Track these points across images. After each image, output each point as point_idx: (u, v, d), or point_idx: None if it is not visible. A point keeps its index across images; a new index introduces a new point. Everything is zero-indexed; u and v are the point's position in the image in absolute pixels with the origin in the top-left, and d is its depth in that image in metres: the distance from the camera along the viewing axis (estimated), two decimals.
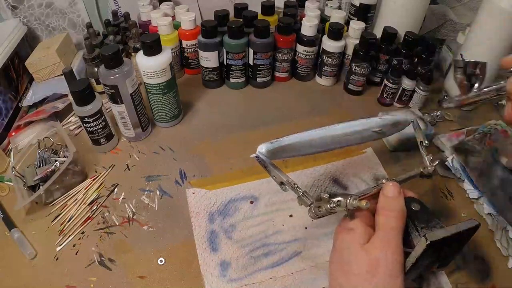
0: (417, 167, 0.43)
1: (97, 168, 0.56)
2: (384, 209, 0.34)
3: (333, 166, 0.56)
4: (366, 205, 0.33)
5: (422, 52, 0.66)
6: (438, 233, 0.31)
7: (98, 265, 0.44)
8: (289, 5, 0.75)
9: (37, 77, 0.69)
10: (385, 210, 0.34)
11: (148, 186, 0.53)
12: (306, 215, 0.49)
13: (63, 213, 0.49)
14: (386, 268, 0.31)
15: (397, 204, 0.34)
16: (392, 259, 0.31)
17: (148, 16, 0.74)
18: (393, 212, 0.33)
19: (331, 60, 0.70)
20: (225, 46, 0.67)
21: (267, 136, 0.62)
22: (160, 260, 0.44)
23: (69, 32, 0.78)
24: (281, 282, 0.43)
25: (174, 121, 0.64)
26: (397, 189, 0.35)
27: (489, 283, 0.43)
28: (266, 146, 0.37)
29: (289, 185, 0.36)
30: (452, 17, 0.84)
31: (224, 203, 0.51)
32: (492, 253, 0.46)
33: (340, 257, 0.34)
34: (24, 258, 0.44)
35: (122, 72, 0.51)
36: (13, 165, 0.52)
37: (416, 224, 0.34)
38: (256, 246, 0.46)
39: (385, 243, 0.32)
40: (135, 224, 0.48)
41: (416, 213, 0.35)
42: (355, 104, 0.70)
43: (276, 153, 0.38)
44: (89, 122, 0.53)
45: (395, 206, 0.34)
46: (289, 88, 0.75)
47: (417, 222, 0.34)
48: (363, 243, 0.33)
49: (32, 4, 0.76)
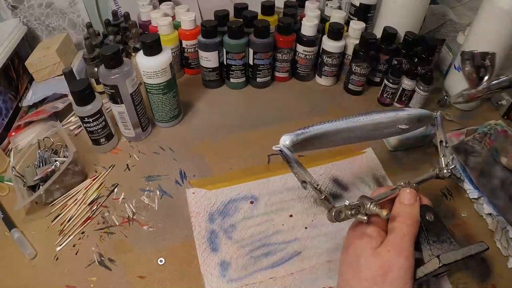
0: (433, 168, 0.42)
1: (97, 168, 0.56)
2: (399, 215, 0.34)
3: (333, 166, 0.56)
4: (386, 215, 0.32)
5: (422, 52, 0.66)
6: (451, 256, 0.32)
7: (98, 265, 0.44)
8: (289, 5, 0.75)
9: (37, 77, 0.69)
10: (400, 217, 0.34)
11: (148, 186, 0.53)
12: (306, 215, 0.49)
13: (63, 213, 0.49)
14: (397, 273, 0.31)
15: (412, 212, 0.34)
16: (404, 265, 0.31)
17: (148, 16, 0.74)
18: (408, 220, 0.34)
19: (331, 60, 0.70)
20: (225, 46, 0.67)
21: (267, 136, 0.63)
22: (160, 260, 0.44)
23: (69, 32, 0.78)
24: (281, 282, 0.43)
25: (174, 121, 0.64)
26: (414, 196, 0.35)
27: (489, 283, 0.43)
28: (291, 138, 0.34)
29: (311, 186, 0.34)
30: (452, 17, 0.84)
31: (224, 203, 0.51)
32: (492, 253, 0.46)
33: (352, 260, 0.34)
34: (24, 258, 0.44)
35: (122, 72, 0.51)
36: (13, 165, 0.52)
37: (427, 236, 0.35)
38: (256, 246, 0.46)
39: (398, 249, 0.32)
40: (135, 224, 0.48)
41: (429, 224, 0.35)
42: (355, 104, 0.70)
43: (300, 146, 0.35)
44: (89, 122, 0.53)
45: (410, 214, 0.34)
46: (289, 88, 0.75)
47: (429, 234, 0.35)
48: (376, 247, 0.33)
49: (32, 4, 0.76)
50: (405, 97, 0.67)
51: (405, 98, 0.67)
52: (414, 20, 0.70)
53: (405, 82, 0.65)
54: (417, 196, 0.35)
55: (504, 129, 0.57)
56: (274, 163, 0.57)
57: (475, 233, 0.48)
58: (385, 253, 0.32)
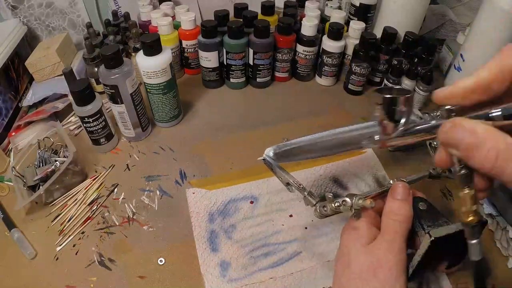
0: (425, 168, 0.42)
1: (97, 168, 0.56)
2: (391, 212, 0.34)
3: (333, 166, 0.56)
4: (370, 204, 0.33)
5: (422, 52, 0.66)
6: (442, 230, 0.32)
7: (98, 265, 0.44)
8: (289, 5, 0.75)
9: (37, 77, 0.69)
10: (392, 214, 0.34)
11: (148, 186, 0.53)
12: (306, 215, 0.49)
13: (63, 213, 0.49)
14: (388, 269, 0.31)
15: (404, 208, 0.33)
16: (394, 261, 0.31)
17: (148, 16, 0.74)
18: (400, 216, 0.33)
19: (331, 60, 0.70)
20: (225, 46, 0.67)
21: (267, 136, 0.63)
22: (160, 260, 0.44)
23: (69, 32, 0.78)
24: (281, 282, 0.43)
25: (174, 121, 0.64)
26: (406, 191, 0.34)
27: (489, 283, 0.43)
28: (273, 149, 0.37)
29: (294, 186, 0.36)
30: (452, 17, 0.84)
31: (224, 203, 0.51)
32: (492, 253, 0.46)
33: (342, 256, 0.34)
34: (24, 258, 0.44)
35: (122, 72, 0.51)
36: (13, 165, 0.52)
37: (422, 223, 0.34)
38: (256, 246, 0.46)
39: (388, 245, 0.32)
40: (135, 224, 0.48)
41: (422, 212, 0.35)
42: (355, 104, 0.70)
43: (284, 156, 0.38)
44: (89, 122, 0.53)
45: (402, 210, 0.33)
46: (289, 88, 0.75)
47: (424, 221, 0.34)
48: (366, 243, 0.33)
49: (32, 4, 0.76)
50: None
51: None
52: (414, 20, 0.70)
53: (405, 82, 0.65)
54: (409, 190, 0.35)
55: None
56: None
57: None
58: (375, 250, 0.32)
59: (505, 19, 0.56)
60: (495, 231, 0.47)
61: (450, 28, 0.83)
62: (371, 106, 0.69)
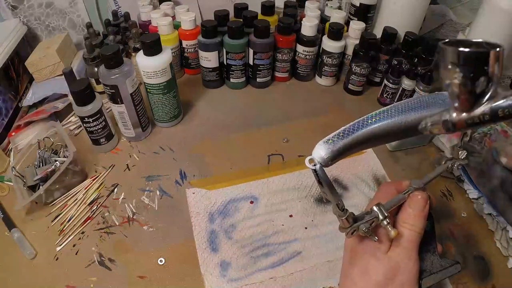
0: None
1: (97, 168, 0.56)
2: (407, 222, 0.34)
3: (333, 166, 0.56)
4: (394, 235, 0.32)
5: (422, 52, 0.66)
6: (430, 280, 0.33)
7: (98, 265, 0.44)
8: (289, 5, 0.75)
9: (37, 77, 0.69)
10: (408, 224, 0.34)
11: (148, 186, 0.53)
12: (306, 215, 0.49)
13: (63, 213, 0.49)
14: (407, 276, 0.32)
15: (419, 221, 0.34)
16: (413, 269, 0.32)
17: (148, 16, 0.74)
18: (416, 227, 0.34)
19: (331, 60, 0.70)
20: (225, 46, 0.67)
21: (267, 136, 0.63)
22: (160, 260, 0.44)
23: (69, 32, 0.78)
24: (281, 282, 0.43)
25: (174, 121, 0.64)
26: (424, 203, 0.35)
27: (489, 283, 0.43)
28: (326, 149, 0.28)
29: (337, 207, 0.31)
30: (452, 17, 0.84)
31: (224, 203, 0.51)
32: (492, 253, 0.46)
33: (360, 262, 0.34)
34: (24, 258, 0.44)
35: (122, 72, 0.51)
36: (13, 165, 0.52)
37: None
38: (256, 246, 0.46)
39: (407, 253, 0.33)
40: (135, 224, 0.48)
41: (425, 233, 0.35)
42: (355, 104, 0.70)
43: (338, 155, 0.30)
44: (89, 122, 0.53)
45: (417, 222, 0.34)
46: (289, 88, 0.75)
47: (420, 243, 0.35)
48: (385, 250, 0.33)
49: (32, 4, 0.76)
50: (405, 97, 0.66)
51: (405, 98, 0.67)
52: (414, 20, 0.70)
53: (405, 82, 0.65)
54: (427, 203, 0.35)
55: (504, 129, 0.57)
56: (274, 163, 0.57)
57: (475, 233, 0.48)
58: (395, 257, 0.33)
59: (505, 19, 0.56)
60: (495, 231, 0.47)
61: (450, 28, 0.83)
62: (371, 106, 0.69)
